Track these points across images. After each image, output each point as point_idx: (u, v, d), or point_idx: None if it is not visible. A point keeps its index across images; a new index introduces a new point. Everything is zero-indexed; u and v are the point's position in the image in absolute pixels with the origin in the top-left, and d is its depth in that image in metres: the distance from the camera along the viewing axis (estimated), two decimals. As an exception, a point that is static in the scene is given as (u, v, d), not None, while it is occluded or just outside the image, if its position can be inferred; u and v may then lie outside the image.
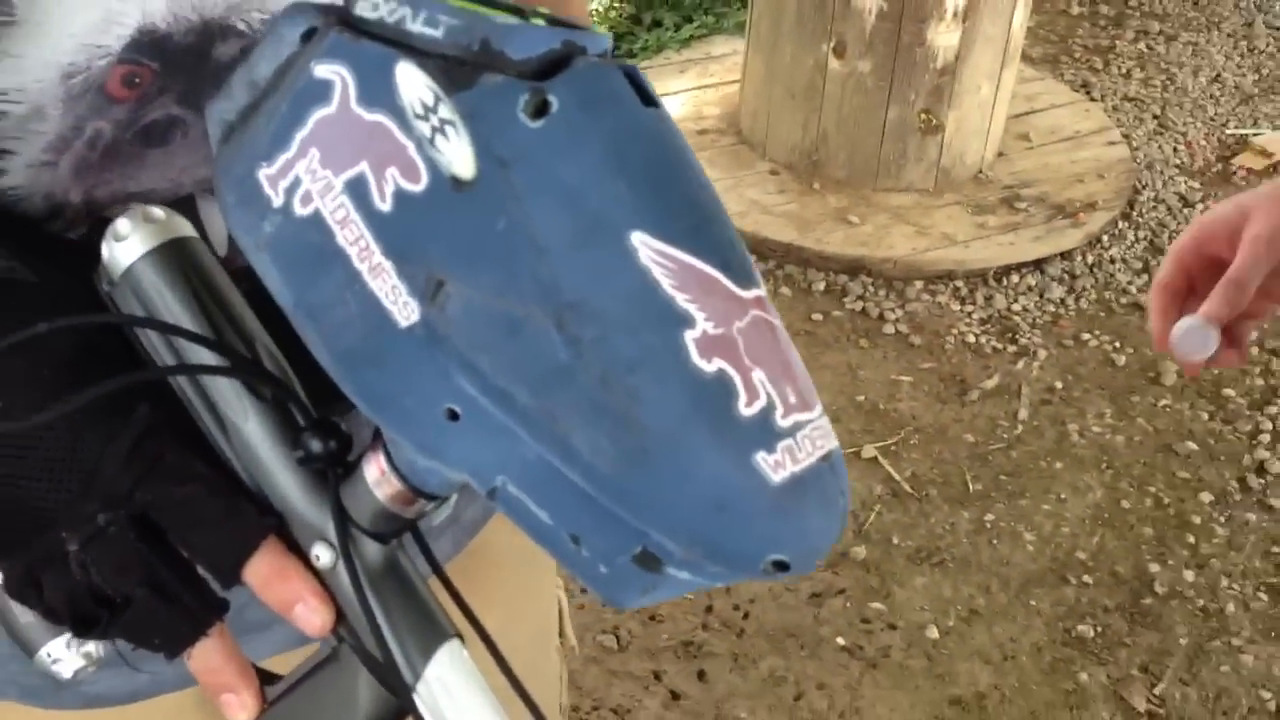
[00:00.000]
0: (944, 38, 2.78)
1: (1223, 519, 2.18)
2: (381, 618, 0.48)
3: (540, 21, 0.39)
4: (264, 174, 0.41)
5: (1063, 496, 2.22)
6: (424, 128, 0.38)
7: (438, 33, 0.38)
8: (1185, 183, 3.10)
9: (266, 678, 0.51)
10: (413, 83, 0.38)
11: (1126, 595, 2.04)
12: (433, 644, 0.48)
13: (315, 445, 0.48)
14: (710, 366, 0.37)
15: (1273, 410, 2.37)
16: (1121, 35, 3.79)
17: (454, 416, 0.41)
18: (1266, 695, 1.89)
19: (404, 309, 0.39)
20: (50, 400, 0.47)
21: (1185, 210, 2.99)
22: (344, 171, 0.39)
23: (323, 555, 0.48)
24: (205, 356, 0.49)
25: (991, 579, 2.06)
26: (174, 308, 0.49)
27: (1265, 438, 2.33)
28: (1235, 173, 3.16)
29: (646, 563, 0.41)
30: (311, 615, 0.48)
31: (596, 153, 0.37)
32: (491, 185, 0.37)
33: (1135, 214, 2.97)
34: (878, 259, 2.75)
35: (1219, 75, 3.58)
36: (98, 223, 0.59)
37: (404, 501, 0.47)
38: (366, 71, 0.39)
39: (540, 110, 0.36)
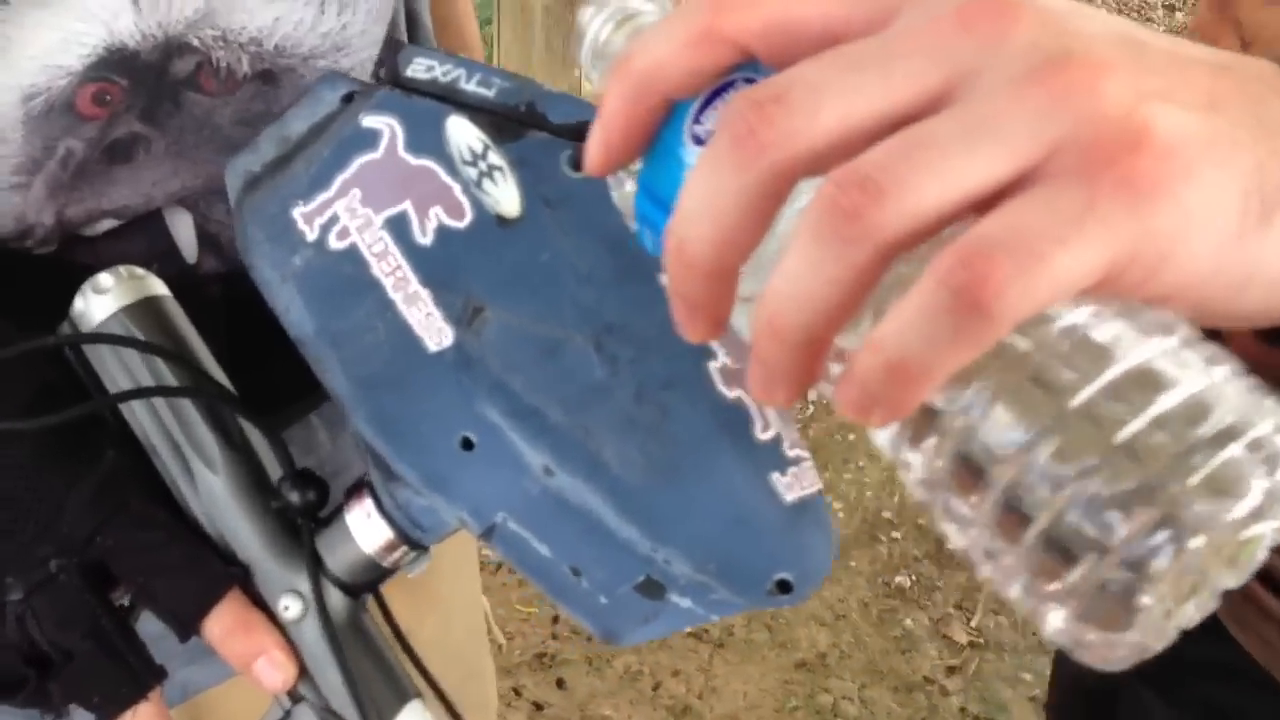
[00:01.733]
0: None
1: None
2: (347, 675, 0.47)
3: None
4: (299, 212, 0.45)
5: (861, 464, 2.39)
6: (472, 172, 0.43)
7: (490, 92, 0.43)
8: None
9: None
10: (463, 133, 0.43)
11: (932, 543, 2.22)
12: (397, 704, 0.48)
13: (294, 496, 0.48)
14: (731, 394, 0.41)
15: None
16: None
17: (468, 445, 0.43)
18: (1065, 612, 2.09)
19: (437, 334, 0.43)
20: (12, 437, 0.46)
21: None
22: (385, 209, 0.43)
23: (291, 606, 0.48)
24: (178, 399, 0.49)
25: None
26: (144, 363, 0.50)
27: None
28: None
29: (650, 590, 0.43)
30: (274, 670, 0.47)
31: None
32: (537, 222, 0.42)
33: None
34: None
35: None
36: (69, 241, 0.59)
37: (388, 549, 0.48)
38: (416, 122, 0.43)
39: (579, 165, 0.42)
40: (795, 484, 0.42)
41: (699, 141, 0.32)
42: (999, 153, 0.27)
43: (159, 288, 0.52)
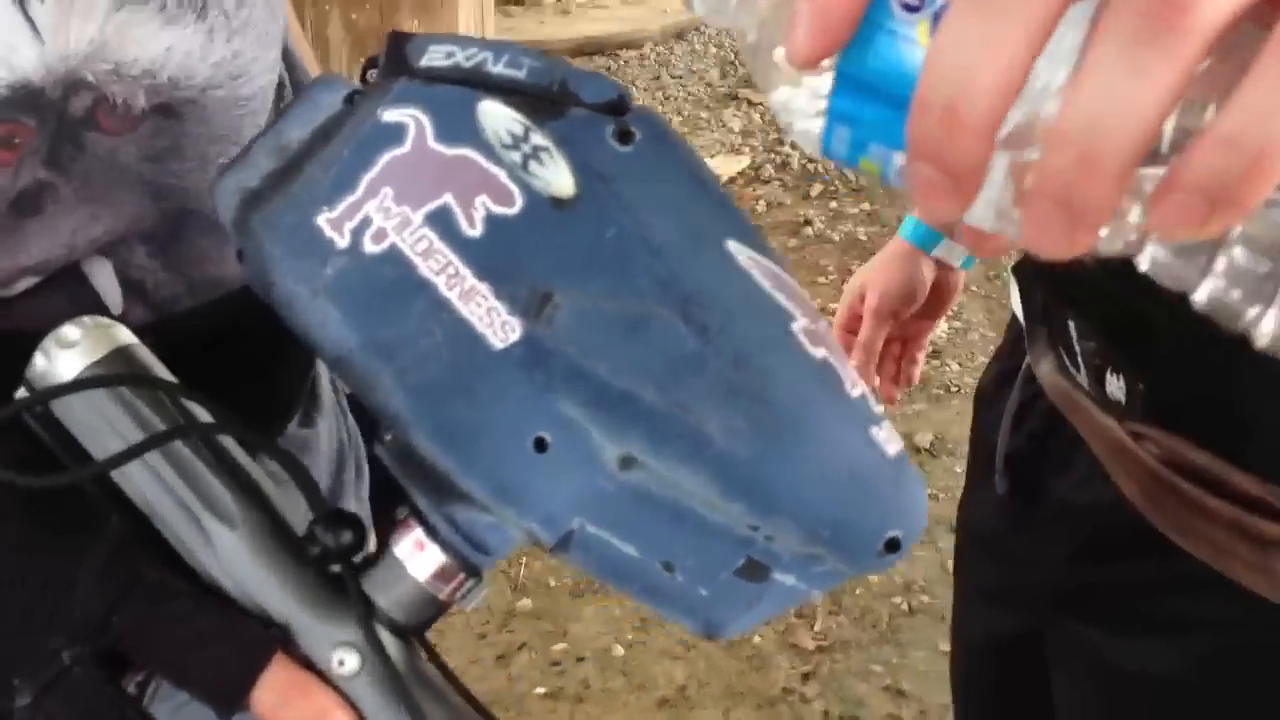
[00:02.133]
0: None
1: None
2: None
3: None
4: (324, 219, 0.41)
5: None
6: (515, 156, 0.40)
7: (520, 73, 0.41)
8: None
9: None
10: (498, 117, 0.41)
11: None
12: None
13: (331, 539, 0.44)
14: (818, 353, 0.40)
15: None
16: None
17: (541, 447, 0.40)
18: (898, 600, 2.16)
19: (501, 330, 0.40)
20: None
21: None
22: (424, 205, 0.40)
23: (348, 660, 0.43)
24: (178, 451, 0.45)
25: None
26: (127, 415, 0.45)
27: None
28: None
29: (753, 573, 0.41)
30: None
31: (683, 174, 0.41)
32: (596, 199, 0.40)
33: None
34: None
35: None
36: None
37: (446, 579, 0.44)
38: (444, 111, 0.41)
39: (624, 139, 0.41)
40: (890, 438, 0.41)
41: (911, 9, 0.31)
42: None
43: (128, 335, 0.47)
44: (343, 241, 0.41)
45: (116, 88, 0.53)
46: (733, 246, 0.41)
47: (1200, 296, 0.33)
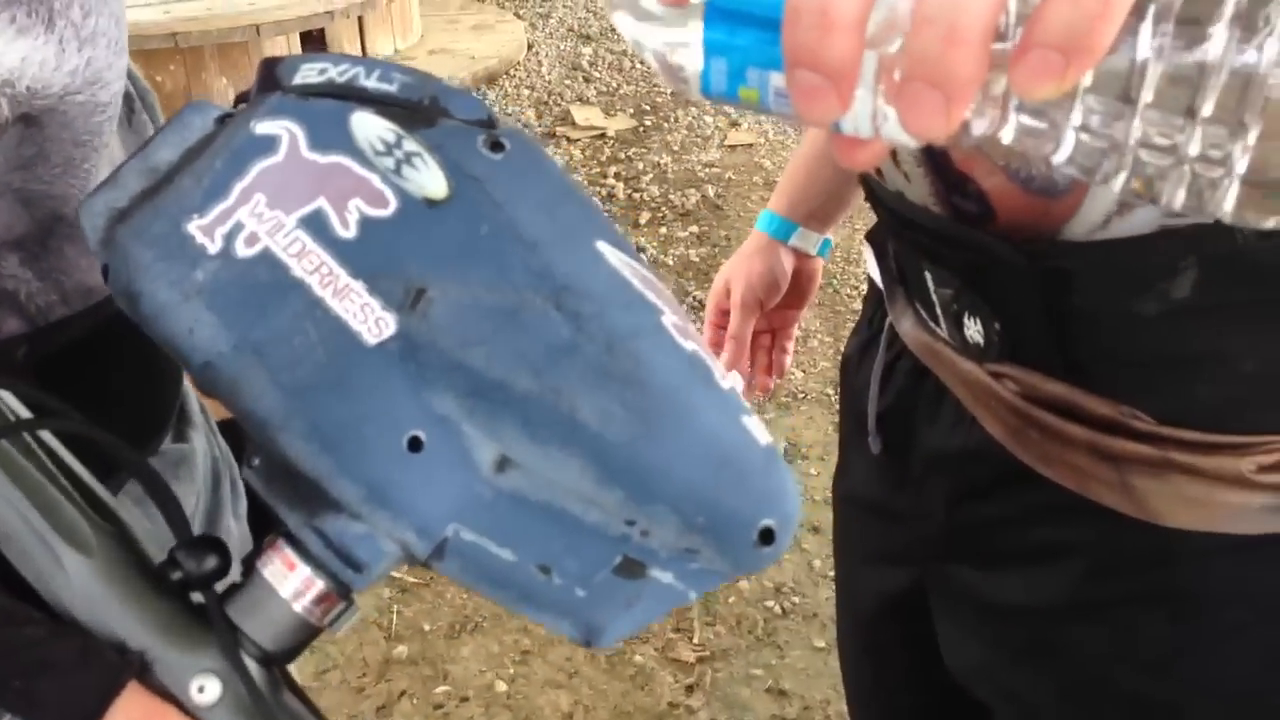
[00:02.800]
0: None
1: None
2: None
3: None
4: (195, 226, 0.42)
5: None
6: (388, 161, 0.42)
7: (392, 87, 0.43)
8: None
9: None
10: (371, 126, 0.42)
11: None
12: None
13: (193, 564, 0.44)
14: (688, 345, 0.42)
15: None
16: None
17: (416, 446, 0.41)
18: (770, 603, 2.20)
19: (376, 325, 0.41)
20: None
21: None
22: (297, 209, 0.42)
23: (208, 687, 0.43)
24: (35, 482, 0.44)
25: (522, 618, 2.19)
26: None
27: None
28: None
29: (630, 570, 0.41)
30: None
31: (552, 181, 0.43)
32: (469, 198, 0.42)
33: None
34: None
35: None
36: None
37: (318, 600, 0.44)
38: (317, 122, 0.42)
39: (495, 148, 0.43)
40: (760, 429, 0.42)
41: None
42: None
43: None
44: (214, 246, 0.42)
45: None
46: (602, 246, 0.43)
47: (1061, 155, 0.36)
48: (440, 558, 0.41)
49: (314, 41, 4.07)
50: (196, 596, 0.44)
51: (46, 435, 0.46)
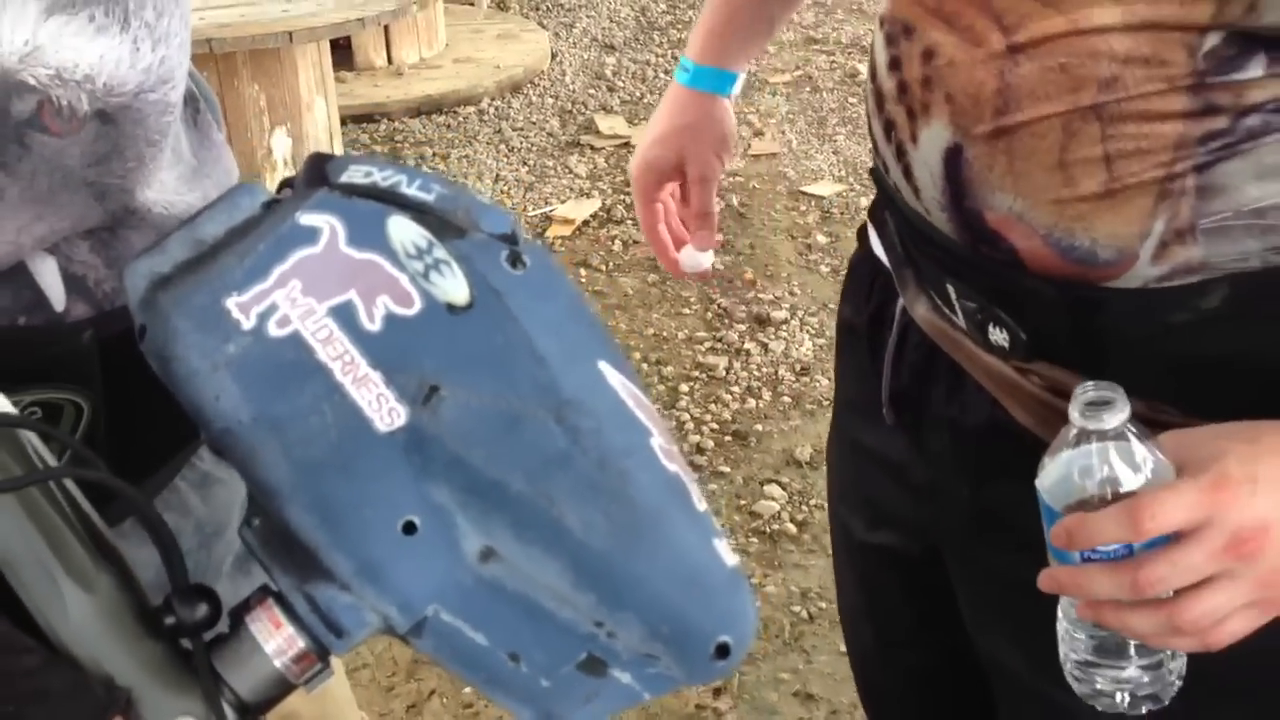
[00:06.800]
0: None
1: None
2: None
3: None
4: (233, 302, 0.45)
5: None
6: (418, 265, 0.46)
7: (430, 197, 0.47)
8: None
9: None
10: (406, 230, 0.46)
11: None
12: None
13: (186, 612, 0.46)
14: (671, 467, 0.45)
15: (694, 409, 2.79)
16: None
17: (410, 530, 0.43)
18: (797, 608, 2.24)
19: (388, 415, 0.44)
20: None
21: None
22: (329, 299, 0.45)
23: None
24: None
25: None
26: None
27: (690, 425, 2.73)
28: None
29: (592, 668, 0.44)
30: None
31: (565, 300, 0.47)
32: (488, 309, 0.45)
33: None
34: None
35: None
36: None
37: (298, 659, 0.46)
38: (357, 220, 0.46)
39: (516, 263, 0.46)
40: (729, 553, 0.46)
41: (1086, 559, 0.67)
42: None
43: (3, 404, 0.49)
44: (248, 323, 0.45)
45: (60, 91, 0.57)
46: (604, 366, 0.46)
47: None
48: (418, 635, 0.44)
49: (340, 49, 4.12)
50: (185, 643, 0.47)
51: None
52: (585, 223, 3.61)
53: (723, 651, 0.44)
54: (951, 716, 1.10)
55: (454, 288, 0.46)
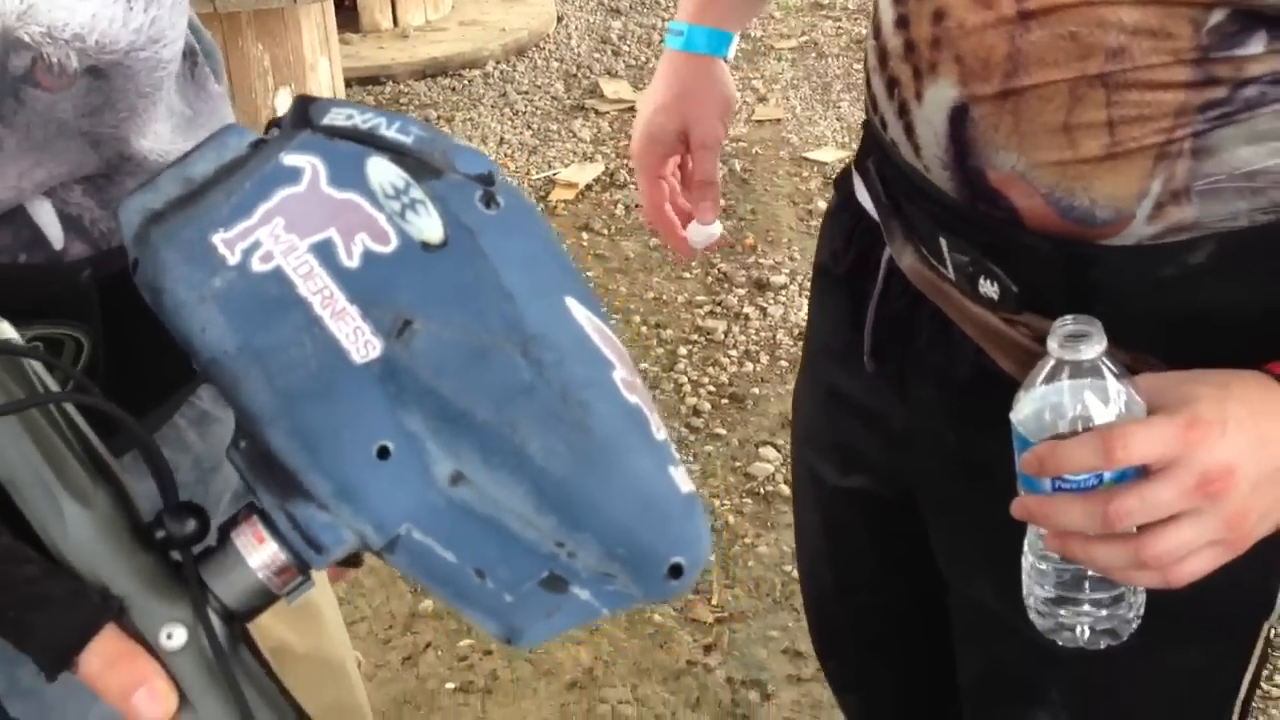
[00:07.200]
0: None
1: (690, 456, 2.57)
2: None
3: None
4: (219, 237, 0.47)
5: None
6: (395, 204, 0.48)
7: (408, 139, 0.49)
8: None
9: None
10: (384, 171, 0.48)
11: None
12: None
13: (176, 527, 0.48)
14: (632, 399, 0.48)
15: (692, 372, 2.82)
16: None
17: (384, 454, 0.46)
18: (788, 567, 2.28)
19: (364, 347, 0.46)
20: None
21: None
22: (310, 236, 0.47)
23: (175, 634, 0.47)
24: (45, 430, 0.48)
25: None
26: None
27: (688, 388, 2.76)
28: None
29: (553, 585, 0.47)
30: (153, 702, 0.46)
31: (536, 239, 0.50)
32: (461, 247, 0.48)
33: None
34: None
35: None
36: None
37: (279, 572, 0.48)
38: (338, 161, 0.48)
39: (490, 203, 0.49)
40: (684, 480, 0.48)
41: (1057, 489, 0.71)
42: None
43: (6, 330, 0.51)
44: (233, 259, 0.47)
45: (51, 49, 0.59)
46: (571, 302, 0.49)
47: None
48: (392, 551, 0.47)
49: (345, 10, 4.12)
50: (175, 555, 0.50)
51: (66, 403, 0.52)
52: (588, 186, 3.62)
53: (675, 572, 0.46)
54: (901, 654, 1.14)
55: (429, 226, 0.48)
